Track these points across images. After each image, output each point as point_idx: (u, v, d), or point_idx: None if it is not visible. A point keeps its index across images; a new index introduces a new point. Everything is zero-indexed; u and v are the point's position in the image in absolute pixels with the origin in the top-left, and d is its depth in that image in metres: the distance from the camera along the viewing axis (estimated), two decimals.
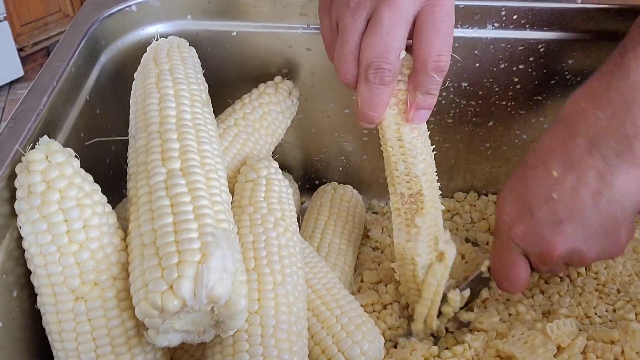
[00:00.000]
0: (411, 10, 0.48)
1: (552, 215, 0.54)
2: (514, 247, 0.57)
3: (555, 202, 0.54)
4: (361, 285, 0.71)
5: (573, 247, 0.54)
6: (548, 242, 0.54)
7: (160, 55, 0.57)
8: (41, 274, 0.45)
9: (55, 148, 0.45)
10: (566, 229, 0.54)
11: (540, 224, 0.55)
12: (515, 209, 0.57)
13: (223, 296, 0.42)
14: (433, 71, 0.49)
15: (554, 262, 0.55)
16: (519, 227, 0.56)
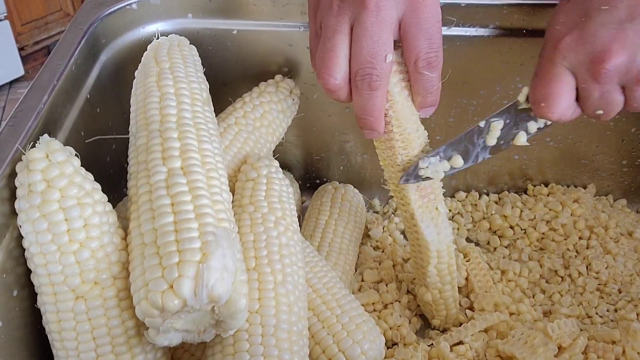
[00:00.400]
0: (394, 14, 0.48)
1: (612, 16, 0.47)
2: (560, 61, 0.50)
3: (617, 1, 0.47)
4: (362, 284, 0.70)
5: (632, 56, 0.47)
6: (603, 46, 0.47)
7: (161, 53, 0.57)
8: (41, 273, 0.45)
9: (55, 147, 0.45)
10: (626, 31, 0.47)
11: (597, 26, 0.48)
12: (570, 17, 0.50)
13: (223, 295, 0.42)
14: (424, 69, 0.50)
15: (607, 74, 0.47)
16: (570, 35, 0.49)
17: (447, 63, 0.70)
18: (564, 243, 0.75)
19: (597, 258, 0.72)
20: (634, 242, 0.74)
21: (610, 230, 0.75)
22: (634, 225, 0.77)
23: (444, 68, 0.70)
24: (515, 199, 0.82)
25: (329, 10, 0.49)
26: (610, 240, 0.74)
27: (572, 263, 0.72)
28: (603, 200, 0.82)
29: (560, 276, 0.72)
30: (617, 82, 0.48)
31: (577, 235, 0.76)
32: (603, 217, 0.77)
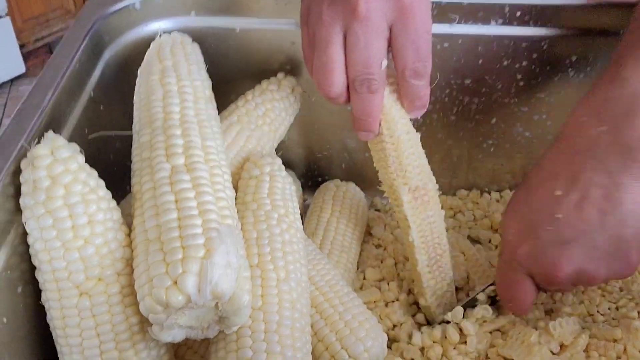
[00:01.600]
0: (384, 24, 0.49)
1: (557, 236, 0.53)
2: (518, 268, 0.56)
3: (560, 222, 0.52)
4: (364, 282, 0.71)
5: (579, 268, 0.52)
6: (553, 263, 0.53)
7: (164, 51, 0.57)
8: (46, 270, 0.45)
9: (60, 143, 0.45)
10: (572, 249, 0.52)
11: (545, 244, 0.53)
12: (520, 230, 0.55)
13: (227, 292, 0.42)
14: (411, 78, 0.51)
15: (560, 282, 0.53)
16: (523, 247, 0.54)
17: (448, 61, 0.70)
18: None
19: None
20: None
21: None
22: None
23: (445, 66, 0.70)
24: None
25: (319, 21, 0.50)
26: None
27: None
28: None
29: None
30: (571, 284, 0.55)
31: None
32: None
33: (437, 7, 0.66)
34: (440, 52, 0.69)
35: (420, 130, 0.76)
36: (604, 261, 0.52)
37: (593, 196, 0.51)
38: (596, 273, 0.52)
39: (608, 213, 0.51)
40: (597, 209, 0.51)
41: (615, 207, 0.51)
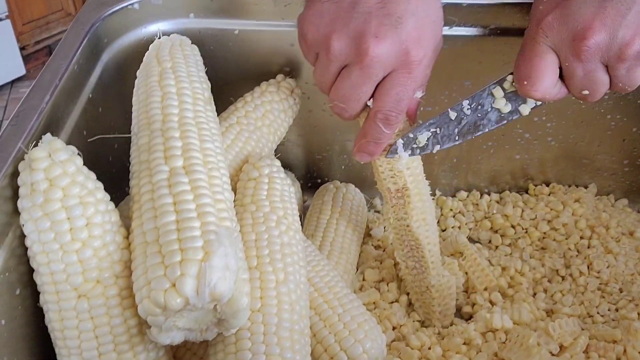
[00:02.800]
0: (380, 72, 0.51)
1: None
2: (542, 39, 0.51)
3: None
4: (363, 283, 0.71)
5: (613, 33, 0.48)
6: (584, 23, 0.48)
7: (163, 53, 0.57)
8: (44, 272, 0.45)
9: (58, 146, 0.45)
10: (606, 10, 0.48)
11: (578, 5, 0.49)
12: (550, 1, 0.52)
13: (225, 294, 0.42)
14: (380, 122, 0.53)
15: (589, 51, 0.49)
16: (552, 14, 0.50)
17: (448, 63, 0.70)
18: (565, 242, 0.75)
19: (598, 257, 0.72)
20: (635, 242, 0.75)
21: (612, 229, 0.75)
22: (635, 225, 0.77)
23: (446, 67, 0.70)
24: (517, 199, 0.82)
25: (326, 48, 0.51)
26: (612, 240, 0.74)
27: (573, 262, 0.72)
28: (604, 200, 0.82)
29: (561, 276, 0.72)
30: (600, 60, 0.49)
31: (579, 234, 0.76)
32: (604, 217, 0.77)
33: None
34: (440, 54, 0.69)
35: None
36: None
37: None
38: (631, 40, 0.48)
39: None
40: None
41: None
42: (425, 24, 0.50)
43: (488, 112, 0.57)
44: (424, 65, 0.51)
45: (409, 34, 0.49)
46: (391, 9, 0.49)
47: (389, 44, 0.49)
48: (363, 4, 0.49)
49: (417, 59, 0.50)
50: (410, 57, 0.50)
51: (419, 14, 0.50)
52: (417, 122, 0.58)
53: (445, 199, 0.83)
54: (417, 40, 0.50)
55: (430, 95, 0.73)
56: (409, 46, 0.50)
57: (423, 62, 0.51)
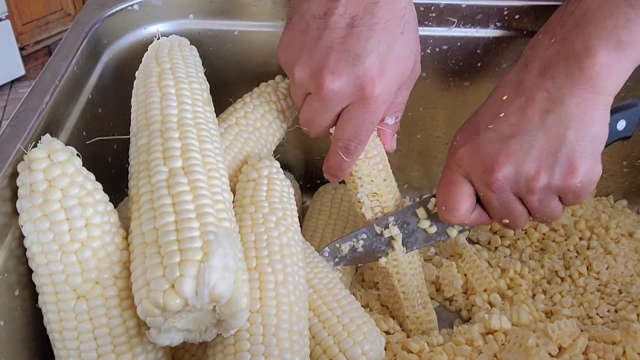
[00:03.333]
0: (338, 105, 0.53)
1: (497, 133, 0.53)
2: (457, 169, 0.55)
3: (501, 120, 0.53)
4: (362, 285, 0.71)
5: (518, 167, 0.52)
6: (490, 159, 0.52)
7: (162, 54, 0.57)
8: (43, 273, 0.45)
9: (57, 146, 0.45)
10: (511, 146, 0.52)
11: (485, 141, 0.53)
12: (464, 135, 0.56)
13: (225, 295, 0.42)
14: (341, 150, 0.56)
15: (498, 183, 0.52)
16: (463, 148, 0.55)
17: (447, 64, 0.70)
18: (564, 244, 0.75)
19: (598, 259, 0.72)
20: (634, 243, 0.75)
21: (611, 230, 0.75)
22: (634, 226, 0.77)
23: (444, 69, 0.70)
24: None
25: (292, 72, 0.54)
26: (611, 241, 0.74)
27: (573, 264, 0.72)
28: (604, 201, 0.82)
29: (560, 277, 0.72)
30: (511, 192, 0.53)
31: (578, 236, 0.76)
32: (604, 218, 0.77)
33: (435, 10, 0.66)
34: (439, 55, 0.69)
35: (420, 132, 0.77)
36: (545, 163, 0.52)
37: (537, 98, 0.52)
38: (536, 174, 0.52)
39: (550, 111, 0.51)
40: (540, 109, 0.52)
41: (557, 106, 0.51)
42: (388, 60, 0.52)
43: (414, 231, 0.60)
44: (382, 100, 0.53)
45: (366, 71, 0.51)
46: (351, 45, 0.51)
47: (344, 81, 0.51)
48: (326, 38, 0.52)
49: (373, 96, 0.52)
50: (365, 93, 0.52)
51: (380, 50, 0.51)
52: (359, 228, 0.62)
53: None
54: (375, 77, 0.52)
55: (429, 96, 0.73)
56: (364, 82, 0.52)
57: (380, 97, 0.52)
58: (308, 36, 0.52)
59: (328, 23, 0.51)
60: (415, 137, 0.77)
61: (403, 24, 0.52)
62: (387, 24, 0.51)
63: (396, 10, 0.52)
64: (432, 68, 0.71)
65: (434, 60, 0.70)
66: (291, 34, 0.54)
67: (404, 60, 0.53)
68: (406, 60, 0.53)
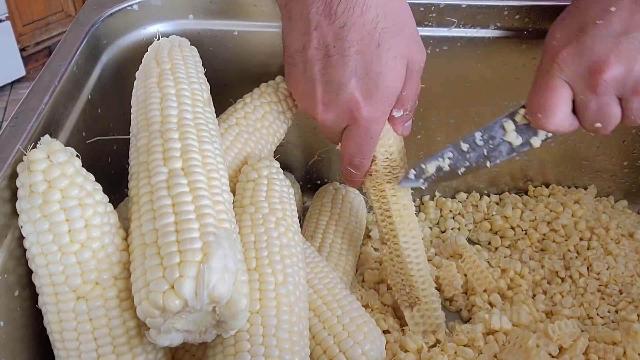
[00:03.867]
0: (338, 128, 0.56)
1: (607, 30, 0.49)
2: (557, 73, 0.51)
3: (613, 14, 0.49)
4: (362, 285, 0.70)
5: (628, 67, 0.48)
6: (599, 58, 0.49)
7: (162, 54, 0.57)
8: (42, 274, 0.45)
9: (56, 147, 0.45)
10: (622, 44, 0.48)
11: (593, 40, 0.49)
12: (566, 33, 0.52)
13: (224, 296, 0.42)
14: (349, 166, 0.58)
15: (605, 85, 0.49)
16: (567, 48, 0.51)
17: (447, 64, 0.70)
18: (564, 244, 0.75)
19: (598, 259, 0.72)
20: (634, 243, 0.74)
21: (611, 231, 0.75)
22: (634, 227, 0.77)
23: (444, 69, 0.70)
24: (516, 200, 0.82)
25: (295, 95, 0.58)
26: (611, 242, 0.74)
27: (573, 264, 0.72)
28: (604, 202, 0.82)
29: (561, 277, 0.72)
30: (614, 94, 0.50)
31: (578, 236, 0.76)
32: (604, 218, 0.77)
33: (435, 10, 0.66)
34: (439, 55, 0.69)
35: (420, 132, 0.77)
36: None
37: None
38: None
39: None
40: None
41: None
42: (370, 80, 0.52)
43: (499, 144, 0.58)
44: (374, 118, 0.54)
45: (350, 96, 0.52)
46: (331, 76, 0.52)
47: (334, 110, 0.54)
48: (309, 71, 0.53)
49: (361, 118, 0.53)
50: (354, 116, 0.54)
51: (359, 74, 0.52)
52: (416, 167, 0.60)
53: (445, 200, 0.83)
54: (360, 99, 0.53)
55: (430, 97, 0.73)
56: (351, 107, 0.53)
57: (371, 116, 0.54)
58: (296, 70, 0.55)
59: (307, 57, 0.53)
60: (416, 137, 0.77)
61: (377, 36, 0.51)
62: (359, 45, 0.51)
63: (365, 26, 0.51)
64: (432, 68, 0.70)
65: (434, 61, 0.70)
66: (286, 67, 0.57)
67: (388, 72, 0.52)
68: (391, 69, 0.53)
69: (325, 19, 0.51)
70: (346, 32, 0.51)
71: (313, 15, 0.51)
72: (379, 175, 0.60)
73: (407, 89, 0.55)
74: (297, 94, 0.57)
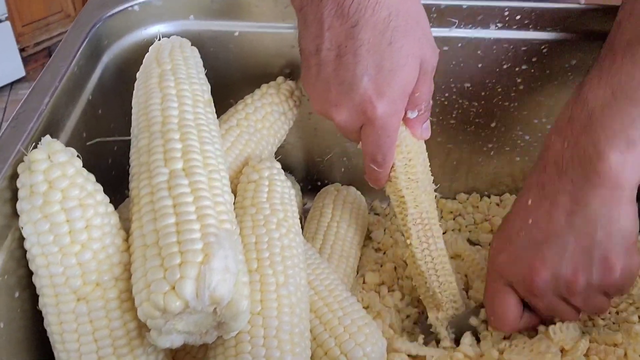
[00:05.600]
0: (355, 127, 0.56)
1: (529, 240, 0.54)
2: (499, 279, 0.57)
3: (531, 226, 0.55)
4: (363, 286, 0.70)
5: (555, 272, 0.53)
6: (528, 266, 0.54)
7: (163, 55, 0.57)
8: (43, 275, 0.45)
9: (57, 148, 0.45)
10: (544, 251, 0.53)
11: (519, 249, 0.55)
12: (499, 242, 0.58)
13: (225, 297, 0.42)
14: (372, 163, 0.58)
15: (539, 289, 0.54)
16: (501, 256, 0.57)
17: (448, 65, 0.70)
18: None
19: None
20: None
21: None
22: None
23: (445, 70, 0.70)
24: None
25: (311, 97, 0.57)
26: None
27: None
28: None
29: None
30: (555, 295, 0.54)
31: None
32: None
33: (436, 11, 0.66)
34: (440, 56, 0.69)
35: None
36: (580, 264, 0.52)
37: (561, 201, 0.53)
38: (574, 277, 0.52)
39: (575, 213, 0.52)
40: (565, 212, 0.53)
41: (582, 208, 0.52)
42: (382, 78, 0.52)
43: None
44: (388, 116, 0.54)
45: (362, 96, 0.52)
46: (343, 76, 0.52)
47: (347, 110, 0.54)
48: (323, 73, 0.53)
49: (375, 116, 0.53)
50: (367, 115, 0.53)
51: (370, 72, 0.52)
52: None
53: (445, 201, 0.83)
54: (373, 98, 0.52)
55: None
56: (364, 107, 0.53)
57: (384, 115, 0.53)
58: (311, 73, 0.54)
59: (320, 59, 0.53)
60: None
61: (389, 34, 0.51)
62: (370, 44, 0.51)
63: (377, 24, 0.51)
64: None
65: None
66: (302, 71, 0.56)
67: (400, 70, 0.52)
68: (403, 67, 0.52)
69: (337, 20, 0.51)
70: (357, 31, 0.51)
71: (326, 17, 0.51)
72: (399, 181, 0.59)
73: (420, 89, 0.55)
74: (313, 97, 0.56)
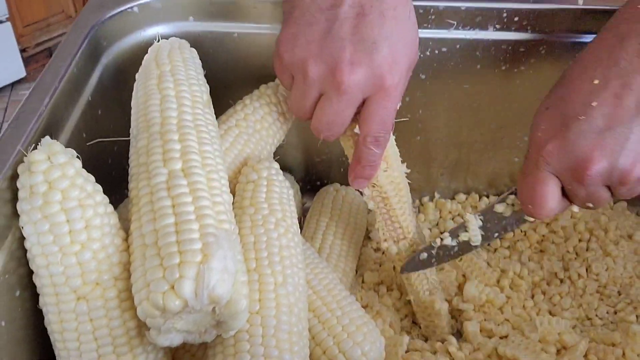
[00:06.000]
0: (359, 96, 0.51)
1: (590, 126, 0.48)
2: (543, 166, 0.51)
3: (594, 110, 0.48)
4: (362, 286, 0.71)
5: (613, 162, 0.48)
6: (584, 154, 0.48)
7: (162, 56, 0.57)
8: (43, 274, 0.45)
9: (57, 149, 0.45)
10: (606, 140, 0.48)
11: (577, 135, 0.49)
12: (550, 125, 0.51)
13: (224, 296, 0.42)
14: (372, 144, 0.54)
15: (591, 179, 0.49)
16: (552, 143, 0.50)
17: (446, 67, 0.70)
18: (563, 245, 0.75)
19: (597, 260, 0.72)
20: (633, 245, 0.75)
21: (610, 232, 0.76)
22: (633, 228, 0.77)
23: (444, 71, 0.71)
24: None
25: (303, 73, 0.51)
26: (610, 243, 0.74)
27: (572, 265, 0.72)
28: None
29: (560, 278, 0.72)
30: (602, 184, 0.50)
31: (577, 237, 0.76)
32: (603, 220, 0.77)
33: (434, 12, 0.67)
34: (438, 57, 0.70)
35: (419, 134, 0.77)
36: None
37: (635, 84, 0.47)
38: (631, 167, 0.48)
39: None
40: (637, 98, 0.47)
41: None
42: (399, 47, 0.51)
43: (495, 227, 0.59)
44: (401, 87, 0.52)
45: (384, 59, 0.50)
46: (365, 34, 0.49)
47: (364, 71, 0.50)
48: (338, 30, 0.49)
49: (393, 84, 0.50)
50: (386, 83, 0.50)
51: (392, 37, 0.50)
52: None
53: (444, 201, 0.83)
54: (391, 65, 0.50)
55: (429, 98, 0.73)
56: (383, 72, 0.50)
57: (399, 85, 0.51)
58: (316, 29, 0.50)
59: (338, 14, 0.49)
60: (415, 139, 0.77)
61: (408, 9, 0.51)
62: (395, 10, 0.50)
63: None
64: (431, 70, 0.71)
65: (433, 63, 0.70)
66: (294, 30, 0.51)
67: (411, 46, 0.52)
68: (412, 45, 0.52)
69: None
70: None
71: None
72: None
73: None
74: (309, 57, 0.50)
